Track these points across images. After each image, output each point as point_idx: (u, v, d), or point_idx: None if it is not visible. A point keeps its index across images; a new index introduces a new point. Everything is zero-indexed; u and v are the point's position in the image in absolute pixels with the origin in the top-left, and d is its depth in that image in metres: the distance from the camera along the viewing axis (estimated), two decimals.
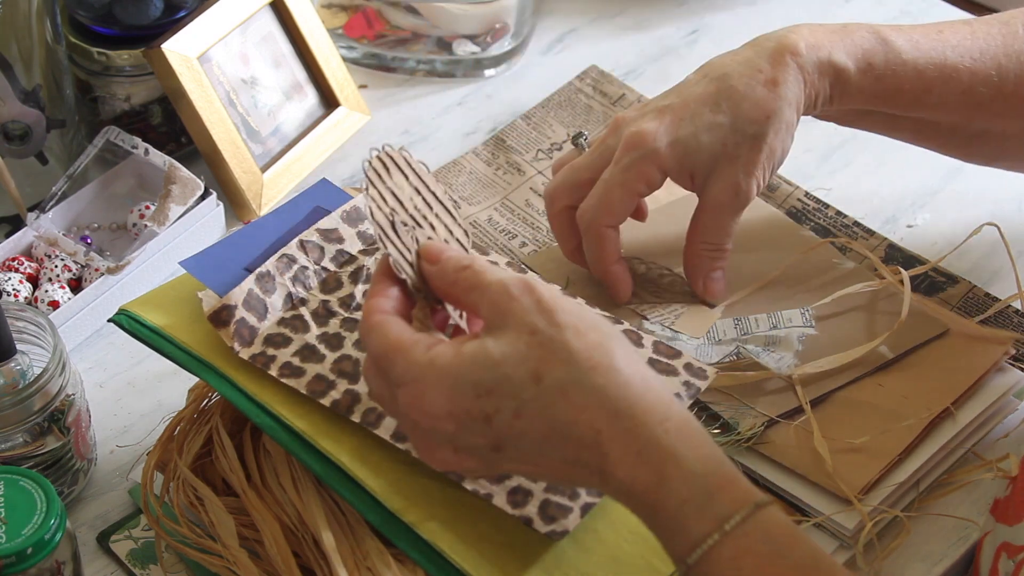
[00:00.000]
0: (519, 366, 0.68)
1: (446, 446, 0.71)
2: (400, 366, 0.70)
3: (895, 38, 0.94)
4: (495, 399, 0.68)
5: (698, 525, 0.67)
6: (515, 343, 0.68)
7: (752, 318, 0.96)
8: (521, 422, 0.68)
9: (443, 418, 0.69)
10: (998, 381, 0.95)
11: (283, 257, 0.84)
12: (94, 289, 1.01)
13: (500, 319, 0.70)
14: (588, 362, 0.68)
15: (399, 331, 0.71)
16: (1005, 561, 0.82)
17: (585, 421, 0.68)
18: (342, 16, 1.26)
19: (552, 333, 0.68)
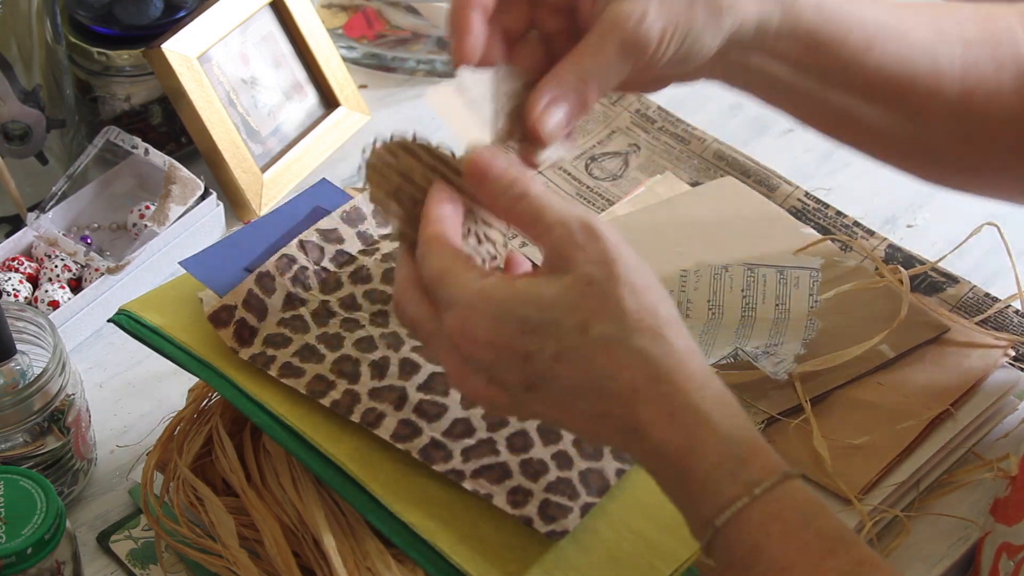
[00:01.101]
0: (569, 313, 0.68)
1: (480, 375, 0.70)
2: (452, 290, 0.69)
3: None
4: (538, 338, 0.68)
5: (728, 488, 0.67)
6: (569, 290, 0.68)
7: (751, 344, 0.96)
8: (559, 366, 0.68)
9: (484, 346, 0.69)
10: (998, 381, 0.95)
11: (283, 257, 0.84)
12: (94, 289, 1.01)
13: (561, 262, 0.69)
14: (637, 324, 0.68)
15: (454, 256, 0.70)
16: (1005, 562, 0.82)
17: (624, 378, 0.68)
18: (342, 16, 1.26)
19: (607, 287, 0.68)
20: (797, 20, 0.83)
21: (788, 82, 0.86)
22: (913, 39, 0.86)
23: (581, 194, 1.11)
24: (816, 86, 0.86)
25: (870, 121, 0.88)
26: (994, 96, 0.87)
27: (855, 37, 0.85)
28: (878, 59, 0.85)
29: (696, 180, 1.11)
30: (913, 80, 0.86)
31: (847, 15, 0.85)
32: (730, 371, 0.91)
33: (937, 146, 0.89)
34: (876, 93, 0.86)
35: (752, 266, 0.98)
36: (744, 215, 1.05)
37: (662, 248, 1.02)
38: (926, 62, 0.86)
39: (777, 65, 0.84)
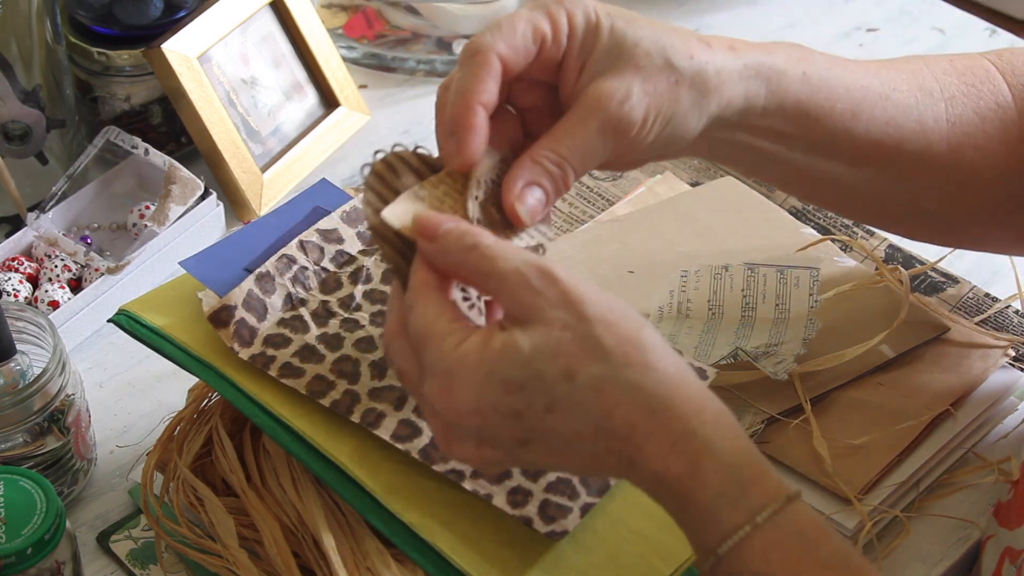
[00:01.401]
0: (551, 362, 0.67)
1: (468, 440, 0.70)
2: (432, 356, 0.69)
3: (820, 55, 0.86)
4: (526, 395, 0.67)
5: (730, 516, 0.67)
6: (545, 339, 0.67)
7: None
8: (553, 417, 0.68)
9: (469, 414, 0.68)
10: (998, 381, 0.95)
11: (283, 257, 0.84)
12: (94, 289, 1.01)
13: (525, 313, 0.68)
14: (623, 358, 0.67)
15: (435, 316, 0.69)
16: (1008, 567, 0.82)
17: (620, 416, 0.67)
18: (342, 16, 1.26)
19: (583, 329, 0.67)
20: (784, 95, 0.82)
21: (774, 155, 0.84)
22: (898, 101, 0.86)
23: (581, 194, 1.11)
24: (802, 157, 0.85)
25: (858, 187, 0.87)
26: (981, 149, 0.87)
27: (841, 106, 0.84)
28: (865, 125, 0.84)
29: (696, 180, 1.11)
30: (900, 142, 0.85)
31: (833, 84, 0.84)
32: (730, 371, 0.91)
33: (927, 207, 0.88)
34: (863, 159, 0.86)
35: (752, 266, 0.98)
36: (744, 215, 1.05)
37: (662, 248, 1.02)
38: (912, 124, 0.85)
39: (763, 141, 0.83)
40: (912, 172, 0.86)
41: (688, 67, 0.78)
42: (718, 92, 0.79)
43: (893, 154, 0.85)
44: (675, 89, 0.77)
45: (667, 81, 0.77)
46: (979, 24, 1.34)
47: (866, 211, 0.91)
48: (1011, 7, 1.61)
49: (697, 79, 0.78)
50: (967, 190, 0.87)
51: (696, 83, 0.78)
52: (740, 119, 0.81)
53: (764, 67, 0.81)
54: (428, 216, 0.71)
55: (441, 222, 0.70)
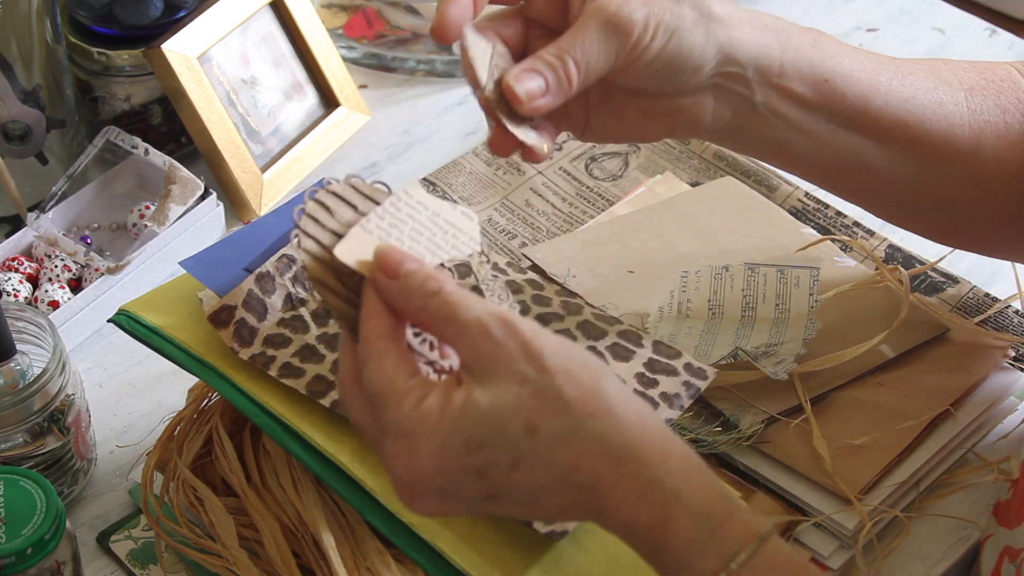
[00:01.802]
0: (512, 418, 0.65)
1: (432, 497, 0.68)
2: (390, 416, 0.67)
3: (830, 36, 0.87)
4: (488, 452, 0.66)
5: (704, 564, 0.66)
6: (504, 394, 0.66)
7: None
8: (518, 473, 0.66)
9: (432, 474, 0.67)
10: (998, 381, 0.95)
11: (283, 257, 0.84)
12: (94, 289, 1.01)
13: (484, 366, 0.66)
14: (584, 408, 0.66)
15: (394, 371, 0.67)
16: (1008, 566, 0.82)
17: (586, 467, 0.66)
18: (342, 16, 1.26)
19: (543, 382, 0.66)
20: (797, 54, 0.83)
21: (799, 128, 0.84)
22: (915, 82, 0.86)
23: (581, 194, 1.11)
24: (826, 128, 0.84)
25: (884, 168, 0.86)
26: (1004, 140, 0.86)
27: (858, 75, 0.84)
28: (884, 98, 0.84)
29: (696, 180, 1.11)
30: (923, 122, 0.85)
31: (844, 53, 0.84)
32: (730, 371, 0.91)
33: (953, 195, 0.88)
34: (887, 134, 0.85)
35: (753, 266, 0.98)
36: (744, 215, 1.05)
37: (662, 248, 1.02)
38: (932, 104, 0.85)
39: (786, 105, 0.83)
40: (937, 156, 0.86)
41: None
42: (724, 24, 0.80)
43: (916, 134, 0.85)
44: (677, 5, 0.79)
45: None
46: (979, 24, 1.34)
47: (892, 200, 0.90)
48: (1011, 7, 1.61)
49: (700, 3, 0.80)
50: (993, 180, 0.87)
51: (698, 6, 0.79)
52: (758, 75, 0.82)
53: (772, 22, 0.83)
54: (391, 251, 0.68)
55: (404, 260, 0.68)
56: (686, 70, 0.80)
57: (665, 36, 0.78)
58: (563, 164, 1.14)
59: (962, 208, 0.89)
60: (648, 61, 0.79)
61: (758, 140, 0.85)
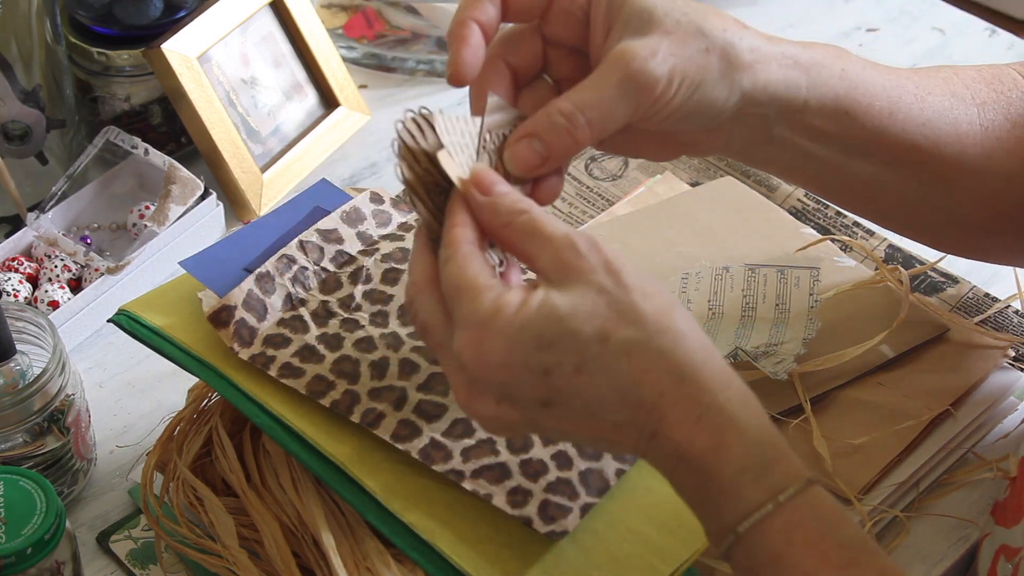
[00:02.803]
0: (586, 323, 0.67)
1: (489, 396, 0.69)
2: (467, 308, 0.68)
3: (855, 55, 0.86)
4: (557, 353, 0.67)
5: (753, 494, 0.67)
6: (583, 299, 0.67)
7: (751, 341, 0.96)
8: (581, 378, 0.67)
9: (496, 368, 0.68)
10: (998, 381, 0.95)
11: (283, 257, 0.85)
12: (94, 289, 1.01)
13: (565, 274, 0.68)
14: (656, 325, 0.67)
15: (476, 271, 0.69)
16: (1003, 564, 0.82)
17: (649, 383, 0.67)
18: (342, 16, 1.26)
19: (620, 294, 0.67)
20: (824, 89, 0.81)
21: (811, 155, 0.84)
22: (932, 103, 0.85)
23: (581, 194, 1.11)
24: (839, 156, 0.84)
25: (893, 190, 0.86)
26: (1014, 155, 0.87)
27: (879, 105, 0.83)
28: (902, 125, 0.84)
29: (696, 180, 1.11)
30: (936, 144, 0.85)
31: (870, 83, 0.84)
32: None
33: (962, 213, 0.88)
34: (900, 160, 0.85)
35: (753, 267, 0.98)
36: (744, 215, 1.05)
37: (662, 248, 1.02)
38: (947, 126, 0.85)
39: (801, 138, 0.83)
40: (947, 176, 0.86)
41: (720, 38, 0.77)
42: (751, 70, 0.78)
43: (929, 156, 0.85)
44: (704, 56, 0.76)
45: (696, 47, 0.76)
46: (979, 24, 1.35)
47: (900, 218, 0.90)
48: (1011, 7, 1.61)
49: (729, 51, 0.77)
50: (1001, 196, 0.87)
51: (727, 54, 0.77)
52: (780, 113, 0.81)
53: (803, 58, 0.81)
54: (486, 172, 0.71)
55: (497, 181, 0.71)
56: (707, 117, 0.79)
57: (689, 90, 0.76)
58: None
59: (970, 224, 0.89)
60: (668, 114, 0.77)
61: (768, 162, 0.85)
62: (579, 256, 0.68)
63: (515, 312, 0.67)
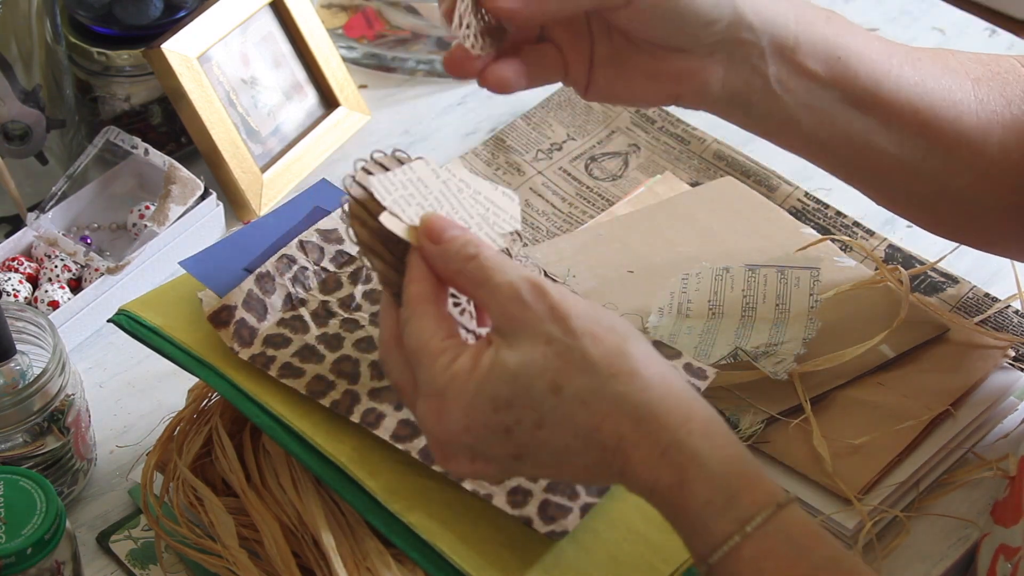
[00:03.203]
0: (537, 378, 0.67)
1: (462, 455, 0.70)
2: (424, 375, 0.69)
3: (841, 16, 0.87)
4: (515, 411, 0.68)
5: (719, 526, 0.67)
6: (531, 353, 0.67)
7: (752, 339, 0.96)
8: (542, 432, 0.68)
9: (460, 432, 0.68)
10: (998, 381, 0.95)
11: (283, 257, 0.84)
12: (94, 289, 1.01)
13: (512, 326, 0.68)
14: (608, 369, 0.67)
15: (431, 332, 0.69)
16: (1003, 563, 0.82)
17: (608, 428, 0.67)
18: (342, 16, 1.26)
19: (569, 342, 0.67)
20: (813, 28, 0.82)
21: (809, 107, 0.84)
22: (924, 68, 0.85)
23: (581, 194, 1.11)
24: (837, 107, 0.84)
25: (891, 154, 0.86)
26: (1009, 131, 0.86)
27: (870, 54, 0.83)
28: (895, 80, 0.84)
29: (696, 180, 1.11)
30: (932, 107, 0.85)
31: (857, 33, 0.84)
32: (730, 371, 0.91)
33: (958, 185, 0.88)
34: (895, 117, 0.85)
35: (753, 267, 0.98)
36: (744, 215, 1.05)
37: (662, 248, 1.02)
38: (941, 91, 0.85)
39: (798, 81, 0.83)
40: (944, 143, 0.86)
41: None
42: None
43: (926, 118, 0.85)
44: None
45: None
46: (979, 24, 1.34)
47: (895, 185, 0.89)
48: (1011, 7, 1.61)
49: None
50: (998, 171, 0.87)
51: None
52: (773, 47, 0.81)
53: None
54: (436, 218, 0.71)
55: (448, 227, 0.71)
56: (697, 22, 0.78)
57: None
58: (563, 164, 1.14)
59: (965, 198, 0.88)
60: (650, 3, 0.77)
61: (766, 115, 0.84)
62: (524, 307, 0.68)
63: (468, 377, 0.68)
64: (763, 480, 0.68)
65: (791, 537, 0.67)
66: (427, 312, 0.70)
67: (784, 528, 0.67)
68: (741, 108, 0.84)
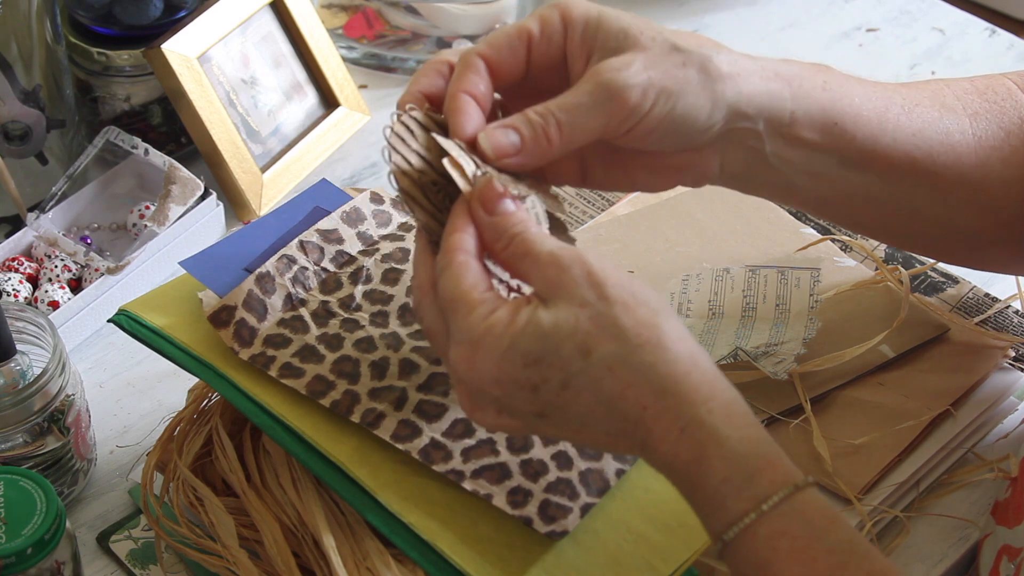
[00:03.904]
0: (568, 339, 0.68)
1: (490, 406, 0.71)
2: (460, 323, 0.70)
3: (835, 70, 0.85)
4: (543, 369, 0.69)
5: (736, 504, 0.67)
6: (565, 316, 0.68)
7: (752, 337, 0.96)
8: (567, 394, 0.69)
9: (490, 383, 0.70)
10: (998, 381, 0.95)
11: (283, 258, 0.85)
12: (94, 289, 1.01)
13: (551, 291, 0.69)
14: (637, 339, 0.68)
15: (471, 284, 0.70)
16: (1006, 564, 0.82)
17: (631, 397, 0.68)
18: (342, 16, 1.26)
19: (601, 308, 0.68)
20: (809, 100, 0.81)
21: (809, 172, 0.83)
22: (922, 114, 0.85)
23: (581, 194, 1.11)
24: (837, 172, 0.84)
25: (891, 203, 0.86)
26: (1010, 163, 0.86)
27: (866, 115, 0.83)
28: (892, 135, 0.84)
29: None
30: (930, 154, 0.85)
31: (855, 93, 0.83)
32: (730, 371, 0.91)
33: (960, 223, 0.87)
34: (895, 171, 0.85)
35: (754, 268, 0.98)
36: (744, 215, 1.05)
37: (662, 248, 1.02)
38: (939, 136, 0.85)
39: (796, 153, 0.82)
40: (943, 186, 0.85)
41: (697, 52, 0.77)
42: (733, 80, 0.78)
43: (924, 167, 0.85)
44: (681, 68, 0.76)
45: (672, 61, 0.76)
46: (979, 24, 1.35)
47: (898, 231, 0.90)
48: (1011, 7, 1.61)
49: (707, 63, 0.77)
50: (999, 204, 0.87)
51: (705, 67, 0.77)
52: (770, 127, 0.80)
53: (783, 70, 0.81)
54: (493, 187, 0.72)
55: (503, 198, 0.72)
56: (694, 132, 0.78)
57: (667, 103, 0.76)
58: None
59: (969, 234, 0.89)
60: (650, 127, 0.76)
61: (765, 185, 0.85)
62: (562, 271, 0.69)
63: (504, 330, 0.69)
64: (782, 461, 0.69)
65: (807, 519, 0.67)
66: (467, 263, 0.71)
67: (800, 509, 0.67)
68: (740, 183, 0.84)
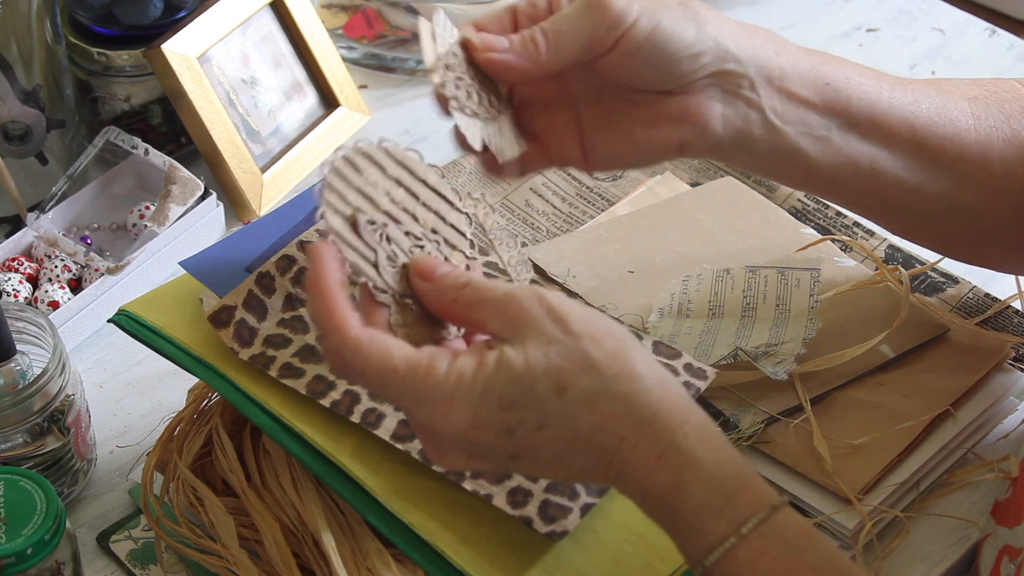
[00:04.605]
0: (542, 377, 0.67)
1: (460, 453, 0.70)
2: (420, 385, 0.68)
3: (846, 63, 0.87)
4: (518, 411, 0.68)
5: (715, 528, 0.67)
6: (534, 353, 0.68)
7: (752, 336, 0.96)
8: (543, 434, 0.68)
9: (466, 430, 0.68)
10: (998, 381, 0.95)
11: (283, 258, 0.84)
12: (94, 289, 1.01)
13: (514, 330, 0.69)
14: (608, 370, 0.68)
15: (404, 352, 0.68)
16: (1007, 564, 0.82)
17: (609, 429, 0.68)
18: (342, 16, 1.26)
19: (569, 343, 0.68)
20: (794, 57, 0.83)
21: (809, 130, 0.83)
22: (916, 89, 0.86)
23: (581, 194, 1.11)
24: (837, 134, 0.84)
25: (895, 175, 0.86)
26: (1010, 145, 0.86)
27: (857, 78, 0.84)
28: (888, 101, 0.84)
29: (696, 180, 1.11)
30: (929, 125, 0.85)
31: (841, 62, 0.84)
32: (730, 371, 0.91)
33: (966, 201, 0.87)
34: (895, 139, 0.85)
35: (754, 268, 0.98)
36: (744, 215, 1.05)
37: (662, 249, 1.02)
38: (936, 109, 0.85)
39: (794, 109, 0.83)
40: (946, 160, 0.86)
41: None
42: (715, 23, 0.80)
43: (924, 137, 0.85)
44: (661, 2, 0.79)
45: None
46: (979, 24, 1.34)
47: (906, 209, 0.89)
48: (1011, 7, 1.61)
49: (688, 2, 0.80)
50: (1002, 186, 0.87)
51: (686, 3, 0.80)
52: (760, 77, 0.81)
53: (761, 30, 0.83)
54: (425, 260, 0.72)
55: (437, 265, 0.72)
56: (681, 59, 0.79)
57: (651, 19, 0.78)
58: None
59: (974, 216, 0.88)
60: (636, 44, 0.78)
61: (770, 151, 0.84)
62: (523, 309, 0.69)
63: (474, 375, 0.68)
64: (757, 482, 0.69)
65: (786, 538, 0.67)
66: (380, 337, 0.69)
67: (779, 529, 0.67)
68: (745, 147, 0.84)
